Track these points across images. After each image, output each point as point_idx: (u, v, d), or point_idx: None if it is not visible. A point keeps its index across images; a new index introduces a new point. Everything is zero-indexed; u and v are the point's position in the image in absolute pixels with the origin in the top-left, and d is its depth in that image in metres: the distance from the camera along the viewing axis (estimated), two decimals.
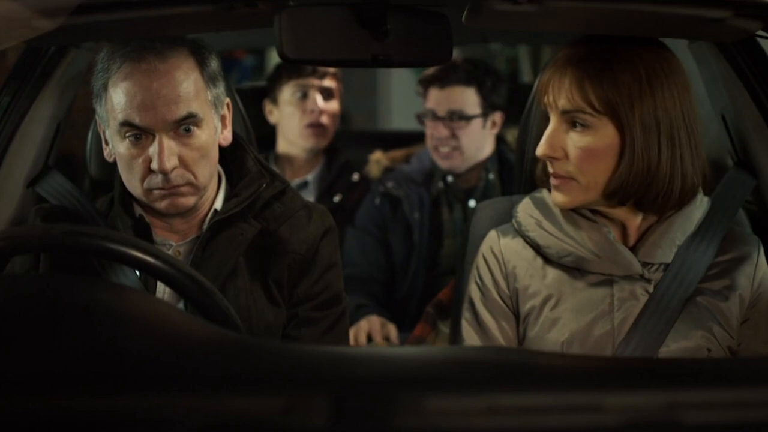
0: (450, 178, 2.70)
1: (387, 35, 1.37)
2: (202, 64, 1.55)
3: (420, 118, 2.72)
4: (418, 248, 2.65)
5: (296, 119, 2.70)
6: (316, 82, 2.70)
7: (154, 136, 1.50)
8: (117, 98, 1.50)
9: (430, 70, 2.69)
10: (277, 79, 2.74)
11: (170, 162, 1.49)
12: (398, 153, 2.85)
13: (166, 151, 1.49)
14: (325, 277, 1.64)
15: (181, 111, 1.50)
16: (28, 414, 0.71)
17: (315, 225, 1.63)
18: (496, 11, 1.32)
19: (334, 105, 2.75)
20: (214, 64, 1.58)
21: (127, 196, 1.60)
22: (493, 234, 1.61)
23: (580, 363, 0.89)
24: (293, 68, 2.69)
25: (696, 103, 1.49)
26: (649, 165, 1.44)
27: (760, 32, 1.51)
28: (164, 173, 1.50)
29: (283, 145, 2.77)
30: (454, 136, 2.65)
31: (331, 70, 2.73)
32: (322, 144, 2.75)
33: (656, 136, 1.44)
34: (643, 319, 1.48)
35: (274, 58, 3.91)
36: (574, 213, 1.54)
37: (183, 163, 1.52)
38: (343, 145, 2.92)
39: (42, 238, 1.25)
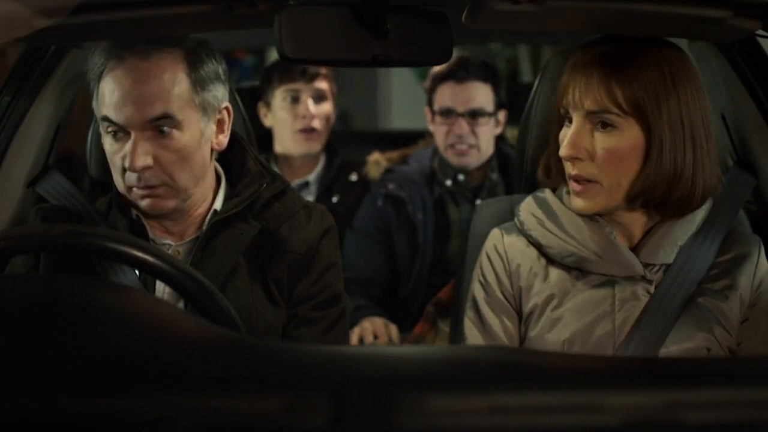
0: (461, 177, 2.69)
1: (387, 35, 1.37)
2: (192, 67, 1.53)
3: (436, 116, 2.70)
4: (422, 249, 2.65)
5: (288, 124, 2.69)
6: (306, 85, 2.68)
7: (129, 134, 1.50)
8: (101, 94, 1.52)
9: (442, 67, 2.67)
10: (269, 83, 2.72)
11: (141, 161, 1.49)
12: (394, 154, 2.84)
13: (139, 149, 1.49)
14: (325, 277, 1.63)
15: (156, 111, 1.49)
16: (28, 414, 0.71)
17: (315, 225, 1.63)
18: (496, 11, 1.32)
19: (326, 107, 2.73)
20: (208, 67, 1.56)
21: (122, 197, 1.60)
22: (496, 232, 1.61)
23: (581, 362, 0.89)
24: (283, 72, 2.67)
25: (710, 107, 1.49)
26: (675, 166, 1.44)
27: (760, 32, 1.50)
28: (135, 172, 1.50)
29: (279, 147, 2.77)
30: (473, 133, 2.65)
31: (323, 71, 2.71)
32: (315, 148, 2.73)
33: (682, 137, 1.44)
34: (644, 319, 1.48)
35: (273, 58, 3.91)
36: (577, 213, 1.54)
37: (159, 163, 1.51)
38: (342, 145, 2.91)
39: (42, 238, 1.25)
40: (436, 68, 2.75)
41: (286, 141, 2.72)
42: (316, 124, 2.69)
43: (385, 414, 0.71)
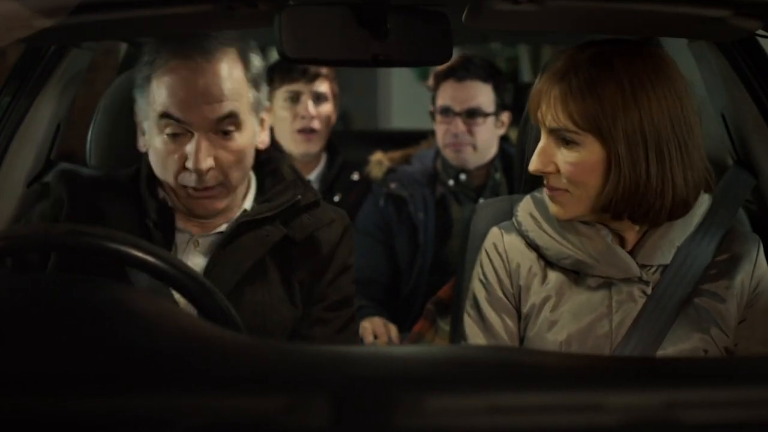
0: (463, 177, 2.69)
1: (387, 35, 1.37)
2: (246, 66, 1.56)
3: (437, 114, 2.70)
4: (423, 249, 2.65)
5: (288, 124, 2.69)
6: (307, 86, 2.68)
7: (192, 135, 1.50)
8: (159, 92, 1.51)
9: (445, 65, 2.67)
10: (270, 82, 2.71)
11: (206, 162, 1.50)
12: (396, 154, 2.84)
13: (203, 150, 1.49)
14: (340, 279, 1.65)
15: (224, 109, 1.50)
16: (28, 414, 0.71)
17: (335, 226, 1.65)
18: (496, 11, 1.32)
19: (326, 108, 2.72)
20: (258, 66, 1.59)
21: (152, 179, 1.60)
22: (496, 231, 1.61)
23: (581, 362, 0.89)
24: (284, 73, 2.67)
25: (692, 111, 1.45)
26: (638, 180, 1.42)
27: (760, 31, 1.50)
28: (199, 173, 1.50)
29: (280, 147, 2.77)
30: (470, 132, 2.65)
31: (324, 72, 2.71)
32: (314, 149, 2.73)
33: (643, 151, 1.41)
34: (641, 321, 1.48)
35: (273, 57, 3.90)
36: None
37: (218, 164, 1.52)
38: (342, 144, 2.91)
39: (42, 238, 1.25)
40: (440, 67, 2.75)
41: (285, 141, 2.72)
42: (316, 124, 2.69)
43: (385, 414, 0.71)
